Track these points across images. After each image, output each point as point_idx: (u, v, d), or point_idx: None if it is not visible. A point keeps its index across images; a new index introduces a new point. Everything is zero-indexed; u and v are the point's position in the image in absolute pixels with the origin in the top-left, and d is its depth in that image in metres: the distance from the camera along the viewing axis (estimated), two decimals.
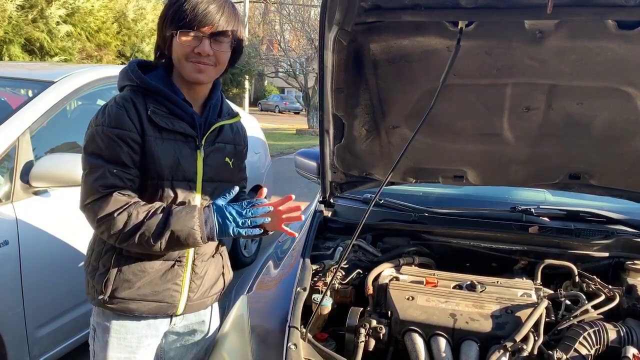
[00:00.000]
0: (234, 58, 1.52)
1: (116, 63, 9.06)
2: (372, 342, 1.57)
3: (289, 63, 22.71)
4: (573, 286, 1.90)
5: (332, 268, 1.89)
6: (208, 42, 1.40)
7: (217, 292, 1.64)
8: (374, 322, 1.58)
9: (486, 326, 1.55)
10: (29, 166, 2.42)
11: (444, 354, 1.49)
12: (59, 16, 8.08)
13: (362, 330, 1.56)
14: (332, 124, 2.01)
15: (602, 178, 2.14)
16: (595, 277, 1.87)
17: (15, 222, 2.30)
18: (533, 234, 2.20)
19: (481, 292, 1.72)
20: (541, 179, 2.22)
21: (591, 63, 1.66)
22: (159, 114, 1.42)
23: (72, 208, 1.60)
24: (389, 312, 1.63)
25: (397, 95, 1.93)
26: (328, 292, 1.68)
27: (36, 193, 2.46)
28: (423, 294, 1.68)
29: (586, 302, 1.69)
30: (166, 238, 1.35)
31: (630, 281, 1.84)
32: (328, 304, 1.68)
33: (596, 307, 1.68)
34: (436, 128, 2.00)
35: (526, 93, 1.83)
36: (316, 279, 1.85)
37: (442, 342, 1.52)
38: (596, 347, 1.50)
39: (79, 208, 1.41)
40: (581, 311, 1.65)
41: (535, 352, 1.48)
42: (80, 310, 2.60)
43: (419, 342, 1.53)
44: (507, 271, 2.09)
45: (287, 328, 1.53)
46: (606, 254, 2.06)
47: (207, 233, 1.38)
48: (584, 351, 1.48)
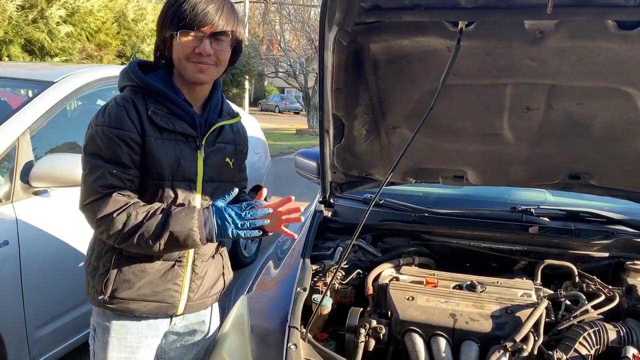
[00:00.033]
0: (234, 57, 1.52)
1: (116, 63, 9.06)
2: (372, 342, 1.57)
3: (289, 63, 22.69)
4: (573, 286, 1.90)
5: (332, 268, 1.89)
6: (208, 42, 1.40)
7: (217, 292, 1.64)
8: (374, 322, 1.58)
9: (486, 326, 1.55)
10: (29, 166, 2.42)
11: (444, 354, 1.49)
12: (59, 16, 8.07)
13: (362, 330, 1.56)
14: (332, 124, 2.01)
15: (602, 178, 2.14)
16: (595, 278, 1.88)
17: (15, 222, 2.30)
18: (533, 234, 2.20)
19: (481, 292, 1.72)
20: (541, 179, 2.22)
21: (591, 63, 1.66)
22: (160, 114, 1.42)
23: (72, 208, 1.60)
24: (389, 312, 1.63)
25: (397, 95, 1.93)
26: (328, 292, 1.68)
27: (36, 193, 2.46)
28: (423, 294, 1.68)
29: (586, 302, 1.69)
30: (165, 239, 1.35)
31: (630, 281, 1.84)
32: (328, 304, 1.68)
33: (596, 307, 1.68)
34: (436, 128, 2.00)
35: (526, 93, 1.83)
36: (316, 279, 1.85)
37: (442, 342, 1.52)
38: (596, 347, 1.50)
39: (79, 208, 1.41)
40: (581, 311, 1.65)
41: (535, 352, 1.48)
42: (80, 310, 2.61)
43: (419, 342, 1.53)
44: (507, 271, 2.09)
45: (287, 328, 1.53)
46: (606, 254, 2.06)
47: (206, 234, 1.38)
48: (584, 351, 1.48)
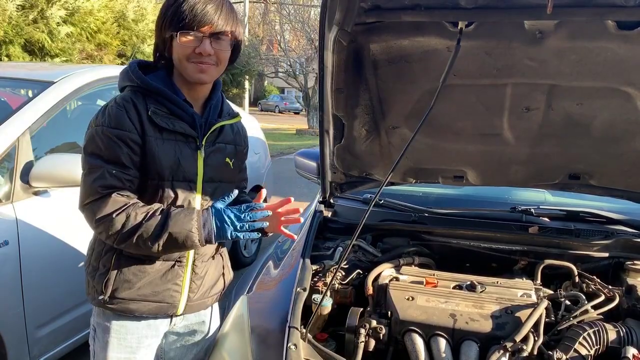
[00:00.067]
0: (233, 56, 1.52)
1: (116, 63, 9.06)
2: (372, 343, 1.57)
3: (289, 63, 22.68)
4: (573, 286, 1.90)
5: (332, 268, 1.89)
6: (208, 42, 1.40)
7: (218, 293, 1.64)
8: (374, 323, 1.58)
9: (486, 326, 1.55)
10: (29, 166, 2.42)
11: (444, 354, 1.49)
12: (60, 17, 8.07)
13: (362, 330, 1.56)
14: (332, 124, 2.01)
15: (602, 178, 2.14)
16: (595, 278, 1.87)
17: (15, 222, 2.30)
18: (533, 234, 2.20)
19: (481, 293, 1.72)
20: (541, 179, 2.22)
21: (591, 63, 1.66)
22: (160, 115, 1.42)
23: (72, 208, 1.60)
24: (389, 313, 1.63)
25: (397, 95, 1.93)
26: (328, 293, 1.68)
27: (36, 193, 2.46)
28: (423, 294, 1.68)
29: (586, 303, 1.69)
30: (164, 240, 1.35)
31: (630, 281, 1.84)
32: (328, 304, 1.68)
33: (596, 308, 1.68)
34: (436, 128, 2.00)
35: (526, 93, 1.83)
36: (316, 279, 1.85)
37: (442, 343, 1.52)
38: (596, 348, 1.50)
39: (78, 208, 1.41)
40: (581, 311, 1.65)
41: (535, 353, 1.48)
42: (80, 310, 2.61)
43: (419, 343, 1.53)
44: (507, 271, 2.09)
45: (287, 328, 1.53)
46: (606, 254, 2.06)
47: (205, 236, 1.38)
48: (584, 351, 1.48)
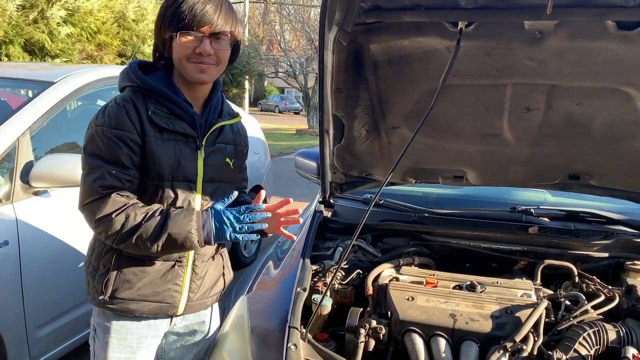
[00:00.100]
0: (233, 56, 1.52)
1: (116, 63, 9.06)
2: (372, 343, 1.57)
3: (289, 63, 22.68)
4: (573, 286, 1.90)
5: (332, 268, 1.89)
6: (208, 42, 1.40)
7: (218, 293, 1.64)
8: (374, 323, 1.58)
9: (486, 326, 1.55)
10: (29, 166, 2.42)
11: (444, 354, 1.49)
12: (60, 17, 8.06)
13: (362, 330, 1.56)
14: (332, 125, 2.01)
15: (602, 178, 2.14)
16: (595, 278, 1.88)
17: (15, 222, 2.30)
18: (533, 235, 2.20)
19: (481, 293, 1.72)
20: (541, 179, 2.22)
21: (591, 63, 1.66)
22: (160, 115, 1.42)
23: (72, 208, 1.60)
24: (389, 313, 1.63)
25: (397, 95, 1.93)
26: (328, 293, 1.68)
27: (36, 193, 2.46)
28: (423, 295, 1.68)
29: (586, 303, 1.69)
30: (163, 240, 1.35)
31: (630, 281, 1.84)
32: (328, 304, 1.68)
33: (596, 308, 1.69)
34: (436, 128, 2.00)
35: (526, 93, 1.83)
36: (316, 279, 1.85)
37: (442, 343, 1.52)
38: (596, 348, 1.50)
39: (78, 208, 1.41)
40: (581, 311, 1.65)
41: (535, 353, 1.48)
42: (80, 310, 2.60)
43: (419, 343, 1.53)
44: (507, 271, 2.09)
45: (287, 328, 1.53)
46: (606, 255, 2.06)
47: (204, 237, 1.38)
48: (584, 351, 1.48)
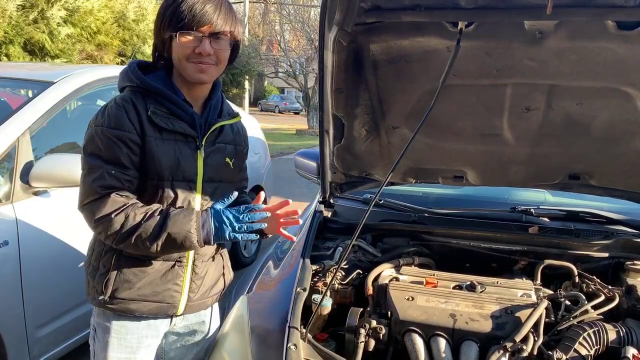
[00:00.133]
0: (233, 56, 1.52)
1: (116, 62, 9.06)
2: (372, 343, 1.57)
3: (289, 63, 22.68)
4: (573, 286, 1.90)
5: (332, 268, 1.89)
6: (208, 42, 1.40)
7: (218, 293, 1.64)
8: (374, 323, 1.58)
9: (486, 326, 1.55)
10: (29, 166, 2.42)
11: (444, 354, 1.49)
12: (60, 17, 8.06)
13: (362, 330, 1.56)
14: (332, 124, 2.01)
15: (602, 178, 2.14)
16: (595, 278, 1.87)
17: (15, 223, 2.30)
18: (533, 235, 2.20)
19: (481, 293, 1.72)
20: (541, 179, 2.22)
21: (591, 63, 1.66)
22: (159, 115, 1.42)
23: (72, 208, 1.60)
24: (389, 313, 1.63)
25: (397, 95, 1.93)
26: (328, 293, 1.68)
27: (36, 193, 2.46)
28: (423, 295, 1.68)
29: (586, 303, 1.69)
30: (162, 240, 1.35)
31: (630, 281, 1.84)
32: (328, 304, 1.68)
33: (596, 308, 1.69)
34: (436, 128, 2.00)
35: (526, 93, 1.83)
36: (316, 279, 1.85)
37: (442, 343, 1.52)
38: (596, 348, 1.50)
39: (77, 208, 1.41)
40: (581, 311, 1.65)
41: (535, 353, 1.48)
42: (80, 310, 2.60)
43: (419, 343, 1.53)
44: (507, 271, 2.09)
45: (287, 328, 1.53)
46: (606, 255, 2.06)
47: (204, 236, 1.39)
48: (584, 351, 1.48)
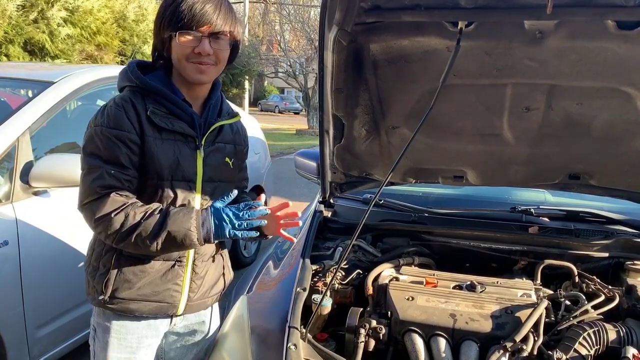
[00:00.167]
0: (232, 56, 1.52)
1: (116, 62, 9.05)
2: (372, 343, 1.57)
3: (289, 63, 22.68)
4: (573, 286, 1.90)
5: (332, 268, 1.89)
6: (208, 42, 1.40)
7: (218, 293, 1.64)
8: (374, 323, 1.58)
9: (486, 326, 1.55)
10: (29, 166, 2.42)
11: (444, 354, 1.49)
12: (60, 17, 8.06)
13: (362, 330, 1.56)
14: (332, 124, 2.01)
15: (602, 178, 2.14)
16: (595, 278, 1.87)
17: (15, 223, 2.30)
18: (533, 234, 2.19)
19: (481, 293, 1.72)
20: (541, 179, 2.22)
21: (591, 63, 1.66)
22: (159, 114, 1.42)
23: (72, 208, 1.60)
24: (389, 313, 1.63)
25: (397, 95, 1.93)
26: (328, 293, 1.68)
27: (36, 193, 2.46)
28: (423, 294, 1.68)
29: (586, 303, 1.69)
30: (162, 238, 1.36)
31: (630, 281, 1.84)
32: (328, 304, 1.68)
33: (596, 308, 1.68)
34: (436, 128, 2.00)
35: (526, 93, 1.83)
36: (316, 279, 1.85)
37: (442, 343, 1.52)
38: (596, 348, 1.50)
39: (77, 208, 1.41)
40: (581, 311, 1.65)
41: (535, 353, 1.48)
42: (80, 310, 2.60)
43: (419, 343, 1.53)
44: (507, 271, 2.08)
45: (287, 328, 1.53)
46: (606, 254, 2.06)
47: (204, 235, 1.39)
48: (584, 351, 1.48)
